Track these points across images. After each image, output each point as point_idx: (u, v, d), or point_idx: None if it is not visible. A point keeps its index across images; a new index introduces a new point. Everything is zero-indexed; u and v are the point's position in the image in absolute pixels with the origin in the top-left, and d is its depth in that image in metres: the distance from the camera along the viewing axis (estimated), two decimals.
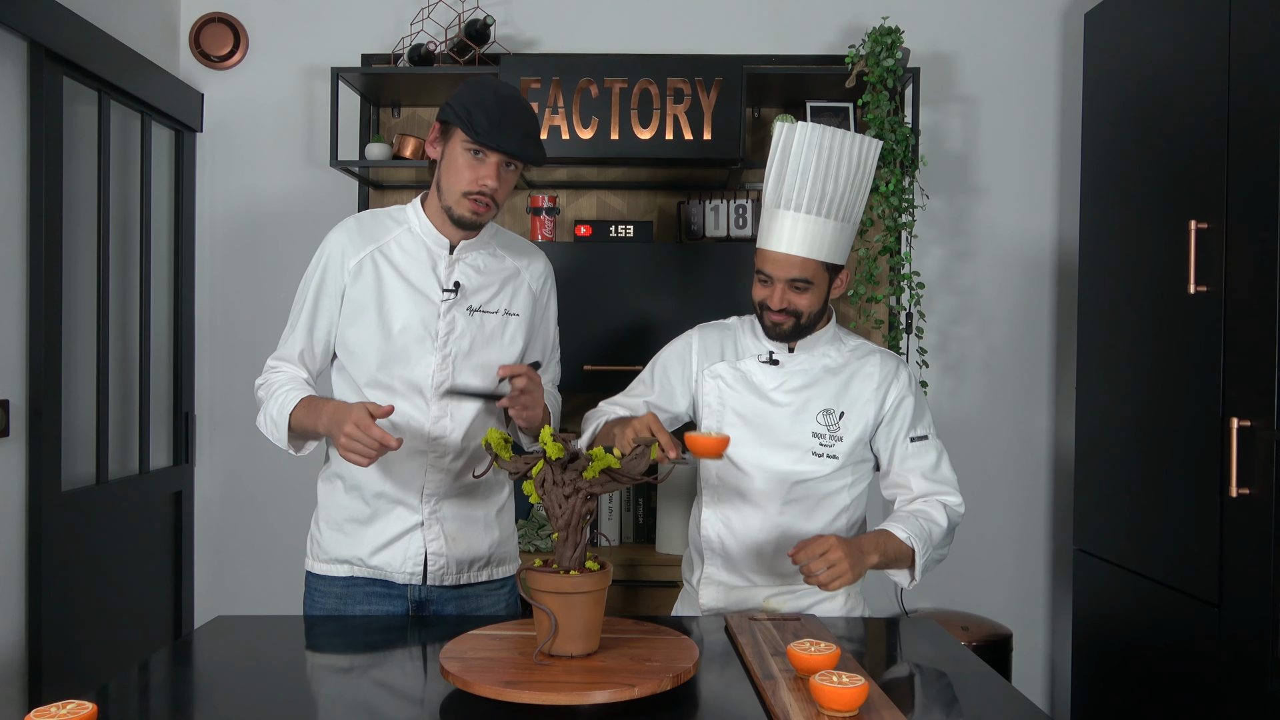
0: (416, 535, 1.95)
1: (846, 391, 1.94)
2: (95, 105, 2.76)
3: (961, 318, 3.27)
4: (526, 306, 2.02)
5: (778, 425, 1.94)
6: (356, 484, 1.96)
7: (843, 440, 1.92)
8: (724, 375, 1.99)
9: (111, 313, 2.85)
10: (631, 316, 2.90)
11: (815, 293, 1.89)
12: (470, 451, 1.97)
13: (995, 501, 3.29)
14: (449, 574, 1.98)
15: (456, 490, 1.97)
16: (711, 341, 2.03)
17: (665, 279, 2.91)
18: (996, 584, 3.28)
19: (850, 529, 1.99)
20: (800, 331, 1.92)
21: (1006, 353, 3.27)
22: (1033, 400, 3.27)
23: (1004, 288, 3.26)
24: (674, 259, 2.91)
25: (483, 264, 1.98)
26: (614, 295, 2.91)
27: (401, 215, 1.98)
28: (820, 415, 1.93)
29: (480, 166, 1.85)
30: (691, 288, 2.89)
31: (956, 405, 3.28)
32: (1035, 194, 3.25)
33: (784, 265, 1.85)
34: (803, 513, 1.91)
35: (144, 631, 2.99)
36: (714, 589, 2.01)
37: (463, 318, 1.94)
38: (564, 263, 2.90)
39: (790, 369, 1.96)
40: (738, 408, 1.97)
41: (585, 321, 2.91)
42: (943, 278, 3.26)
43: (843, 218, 1.86)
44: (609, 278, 2.92)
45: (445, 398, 1.92)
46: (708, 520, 2.00)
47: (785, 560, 1.95)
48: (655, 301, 2.89)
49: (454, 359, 1.94)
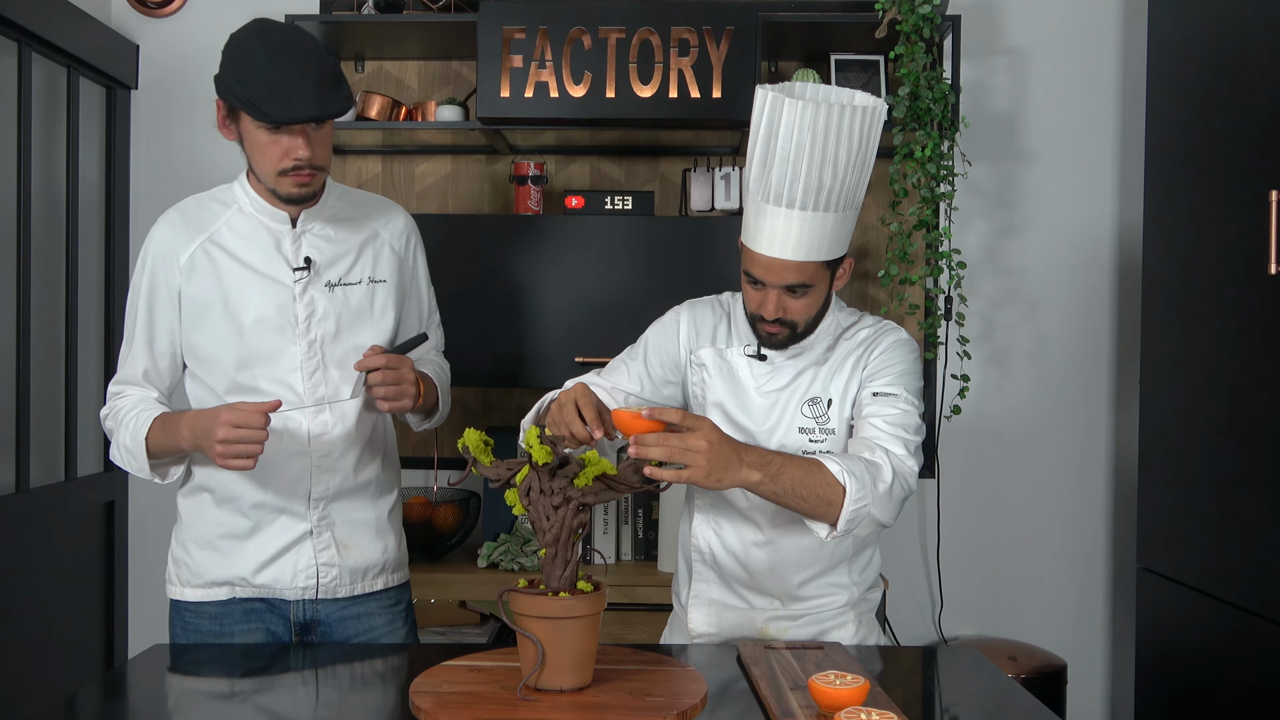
0: (306, 546, 2.00)
1: (834, 375, 1.93)
2: (15, 58, 2.74)
3: (1007, 302, 3.27)
4: (392, 270, 2.06)
5: (761, 422, 1.93)
6: (231, 495, 1.99)
7: (835, 433, 1.91)
8: (708, 363, 1.99)
9: (34, 296, 2.84)
10: (629, 301, 2.90)
11: (815, 295, 1.86)
12: (364, 442, 2.02)
13: (1047, 513, 3.29)
14: (342, 585, 2.02)
15: (346, 492, 2.01)
16: (703, 320, 2.02)
17: (668, 258, 2.91)
18: (1048, 608, 3.29)
19: (859, 547, 1.99)
20: (798, 339, 1.91)
21: (1059, 342, 3.26)
22: (1090, 397, 3.27)
23: (1056, 267, 3.26)
24: (678, 235, 2.92)
25: (333, 232, 2.01)
26: (609, 276, 2.91)
27: (229, 195, 2.01)
28: (806, 406, 1.92)
29: (283, 140, 1.88)
30: (698, 268, 2.89)
31: (1002, 402, 3.28)
32: (1092, 160, 3.25)
33: (777, 270, 1.81)
34: (796, 520, 1.89)
35: (71, 661, 2.98)
36: (705, 610, 2.01)
37: (322, 296, 1.98)
38: (552, 239, 2.92)
39: (778, 365, 1.95)
40: (719, 401, 1.97)
41: (576, 306, 2.92)
42: (986, 256, 3.26)
43: (844, 206, 1.80)
44: (603, 256, 2.92)
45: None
46: (698, 529, 2.01)
47: (783, 577, 1.95)
48: (657, 284, 2.90)
49: (321, 344, 1.98)
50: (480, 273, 2.92)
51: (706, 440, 1.63)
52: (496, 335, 2.92)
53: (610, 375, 2.03)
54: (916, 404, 1.88)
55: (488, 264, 2.93)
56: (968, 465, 3.29)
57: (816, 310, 1.89)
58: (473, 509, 3.06)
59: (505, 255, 2.93)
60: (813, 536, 1.87)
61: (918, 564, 3.32)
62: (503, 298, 2.93)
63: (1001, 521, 3.30)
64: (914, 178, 2.93)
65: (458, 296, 2.89)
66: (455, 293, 2.88)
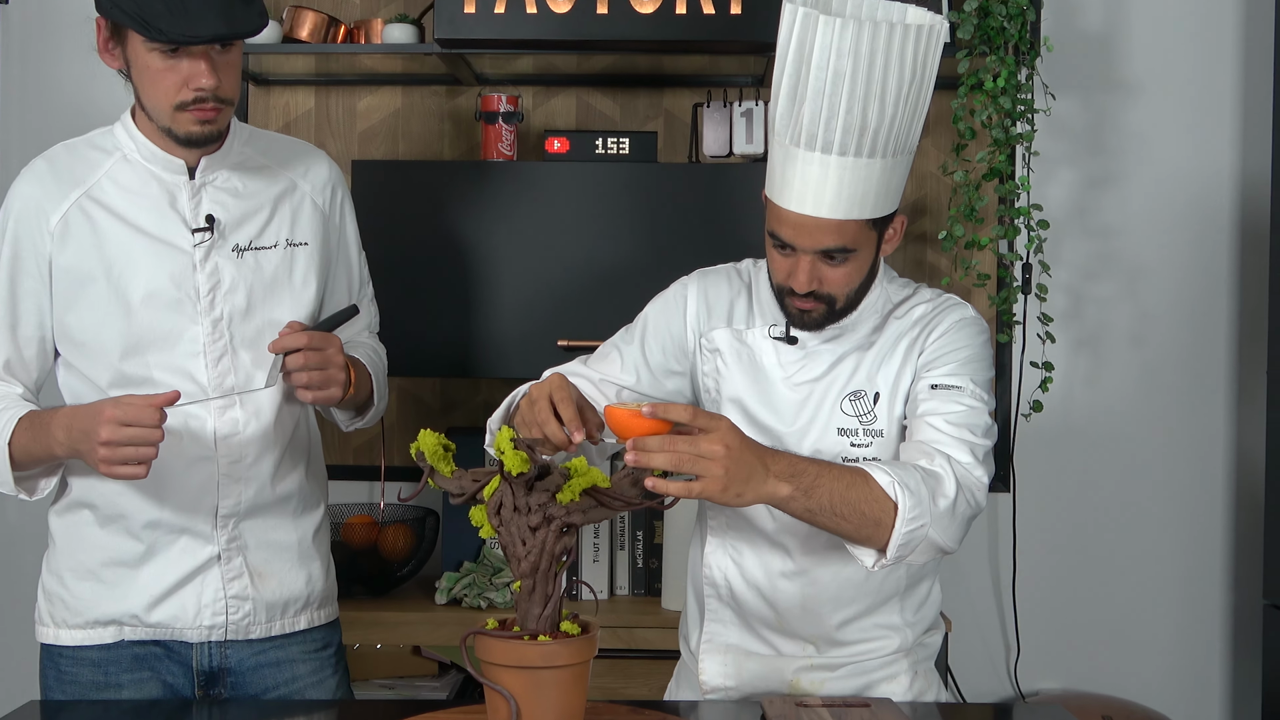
0: (212, 574, 2.02)
1: (883, 363, 1.94)
2: None
3: (1102, 271, 3.26)
4: (315, 229, 2.10)
5: (790, 422, 1.95)
6: (118, 513, 2.00)
7: (883, 436, 1.92)
8: (723, 348, 2.00)
9: None
10: (625, 270, 2.89)
11: (858, 261, 1.88)
12: (283, 445, 2.06)
13: (1151, 537, 3.29)
14: (257, 624, 2.05)
15: (262, 508, 2.04)
16: (717, 294, 2.03)
17: (674, 216, 2.90)
18: (1151, 653, 3.29)
19: (915, 579, 1.99)
20: (837, 316, 1.92)
21: (1166, 321, 3.27)
22: (1205, 391, 3.28)
23: (1164, 228, 3.26)
24: (687, 187, 2.91)
25: (241, 183, 2.04)
26: (600, 239, 2.91)
27: (109, 141, 2.03)
28: (847, 401, 1.93)
29: (182, 66, 1.89)
30: (712, 228, 2.89)
31: (1095, 397, 3.28)
32: (1209, 94, 3.25)
33: (811, 232, 1.83)
34: (834, 545, 1.89)
35: None
36: (720, 658, 2.02)
37: (229, 263, 2.01)
38: (529, 192, 2.91)
39: (812, 349, 1.96)
40: (736, 395, 1.98)
41: (559, 277, 2.92)
42: (1075, 214, 3.25)
43: (894, 151, 1.82)
44: (593, 214, 2.91)
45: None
46: (712, 555, 2.03)
47: (819, 616, 1.96)
48: (660, 249, 2.89)
49: (228, 323, 2.00)
50: (439, 234, 2.93)
51: (723, 444, 1.63)
52: (459, 314, 2.93)
53: (600, 364, 2.04)
54: (986, 399, 1.89)
55: (448, 223, 2.93)
56: (1050, 476, 3.29)
57: (859, 281, 1.90)
58: (429, 531, 3.07)
59: (470, 212, 2.92)
60: (856, 566, 1.85)
61: (988, 600, 3.31)
62: (467, 266, 2.93)
63: (1093, 547, 3.30)
64: (983, 115, 2.94)
65: (410, 265, 2.91)
66: (407, 260, 2.91)
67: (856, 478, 1.72)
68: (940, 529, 1.74)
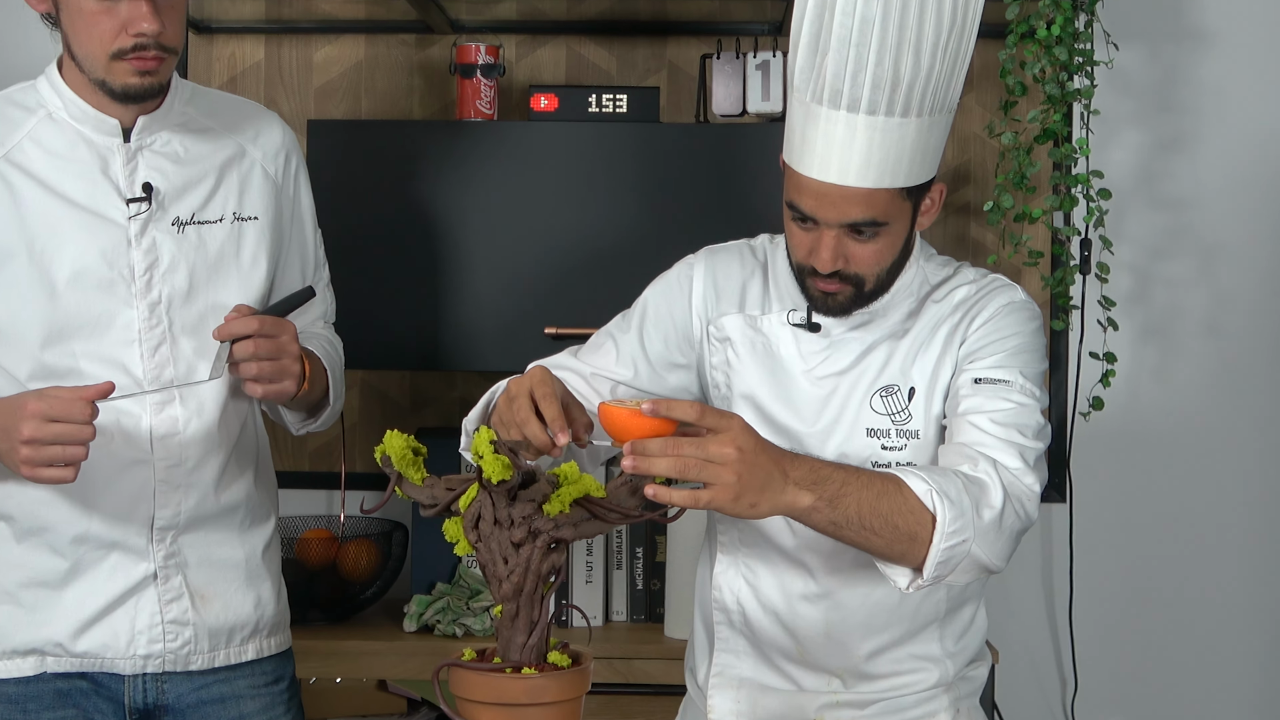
0: (147, 595, 2.00)
1: (919, 353, 1.94)
2: None
3: (1172, 248, 3.26)
4: (266, 201, 2.11)
5: (811, 421, 1.95)
6: (40, 525, 1.98)
7: (919, 437, 1.93)
8: (734, 336, 2.00)
9: None
10: (622, 248, 2.89)
11: (890, 237, 1.87)
12: (229, 447, 2.05)
13: (1229, 555, 3.28)
14: (199, 653, 2.03)
15: (205, 519, 2.03)
16: (727, 275, 2.03)
17: (679, 184, 2.89)
18: (1229, 691, 3.27)
19: (956, 602, 1.99)
20: (866, 299, 1.92)
21: (1247, 307, 3.26)
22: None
23: (1243, 198, 3.25)
24: (694, 151, 2.90)
25: (183, 148, 2.04)
26: (593, 211, 2.91)
27: (31, 97, 2.02)
28: (877, 397, 1.94)
29: (120, 8, 1.89)
30: (721, 198, 2.88)
31: (1164, 394, 3.28)
32: None
33: (836, 202, 1.82)
34: (863, 564, 1.88)
35: None
36: (732, 694, 2.02)
37: (169, 239, 2.01)
38: (511, 157, 2.90)
39: (837, 338, 1.96)
40: (750, 391, 1.98)
41: (546, 256, 2.91)
42: (1141, 182, 3.25)
43: (932, 109, 1.81)
44: (585, 182, 2.91)
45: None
46: (722, 575, 2.03)
47: (845, 646, 1.96)
48: (662, 222, 2.88)
49: (168, 306, 2.00)
50: (407, 206, 2.92)
51: (735, 446, 1.62)
52: (430, 298, 2.94)
53: (592, 356, 2.04)
54: (1038, 395, 1.88)
55: (417, 193, 2.93)
56: (1112, 484, 3.29)
57: (892, 259, 1.90)
58: (396, 547, 3.07)
59: (443, 181, 2.92)
60: (888, 587, 1.85)
61: (1040, 626, 3.32)
62: (440, 243, 2.93)
63: (1162, 566, 3.30)
64: (1035, 67, 2.93)
65: (374, 241, 2.91)
66: (370, 236, 2.91)
67: (888, 485, 1.71)
68: (985, 544, 1.73)
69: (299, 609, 2.46)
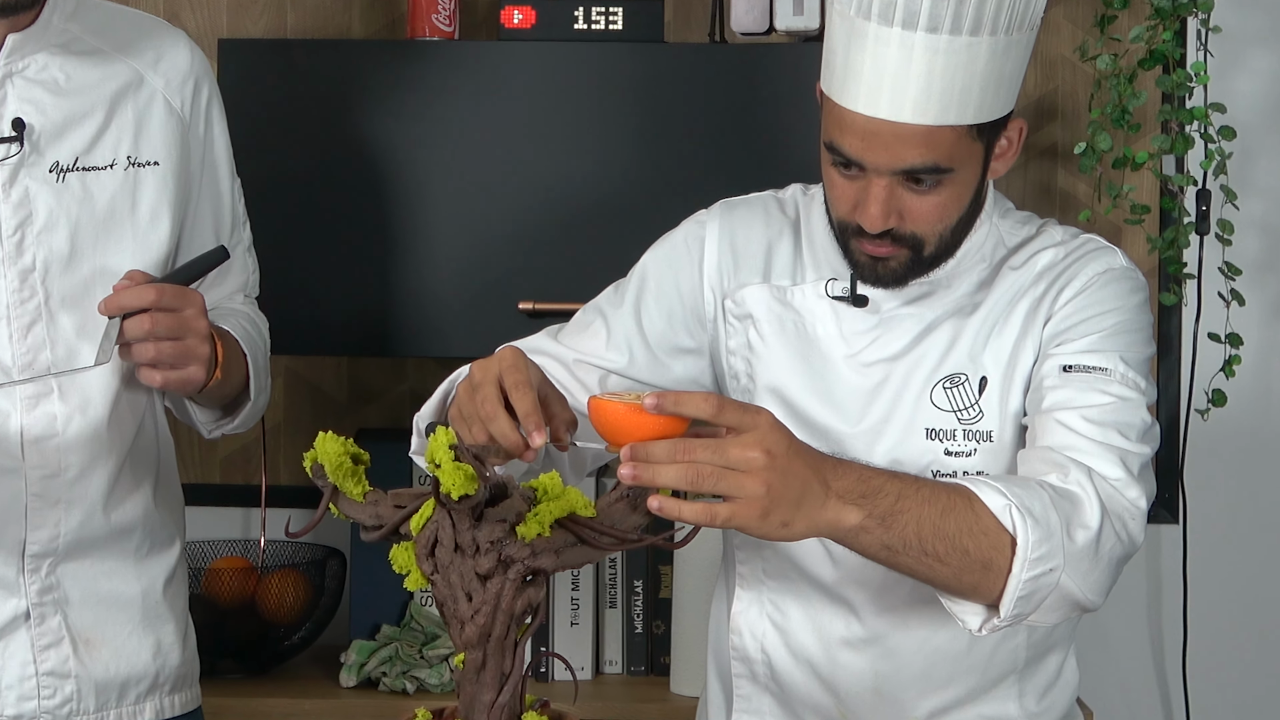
0: (18, 640, 2.01)
1: (993, 334, 1.97)
2: None
3: None
4: (170, 142, 2.12)
5: (856, 419, 1.97)
6: None
7: (993, 441, 1.95)
8: (758, 314, 2.02)
9: None
10: (615, 201, 2.90)
11: (956, 187, 1.89)
12: (121, 453, 2.06)
13: None
14: (82, 713, 2.04)
15: (90, 544, 2.04)
16: (747, 235, 2.06)
17: (688, 119, 2.90)
18: None
19: (1040, 649, 2.01)
20: (925, 266, 1.94)
21: None
22: None
23: None
24: (706, 79, 2.91)
25: (64, 75, 2.04)
26: (580, 155, 2.91)
27: None
28: (940, 388, 1.96)
29: None
30: (741, 137, 2.88)
31: None
32: None
33: (888, 143, 1.83)
34: (922, 599, 1.92)
35: None
36: None
37: (46, 190, 2.01)
38: (477, 87, 2.90)
39: (889, 314, 1.98)
40: (777, 382, 2.00)
41: (520, 212, 2.92)
42: (1273, 118, 3.26)
43: (1008, 25, 1.82)
44: (570, 118, 2.91)
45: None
46: (743, 616, 2.06)
47: (899, 703, 1.98)
48: (665, 169, 2.89)
49: (43, 274, 2.01)
50: (345, 149, 2.92)
51: (763, 449, 1.60)
52: (375, 266, 2.94)
53: (577, 337, 2.06)
54: (1143, 387, 1.90)
55: (358, 133, 2.92)
56: (1236, 499, 3.31)
57: (958, 215, 1.92)
58: (331, 581, 3.10)
59: (391, 116, 2.92)
60: (953, 630, 1.85)
61: (1145, 679, 3.34)
62: (386, 196, 2.93)
63: None
64: None
65: (305, 195, 2.91)
66: (299, 187, 2.90)
67: (956, 499, 1.71)
68: (1078, 574, 1.73)
69: (209, 658, 2.46)
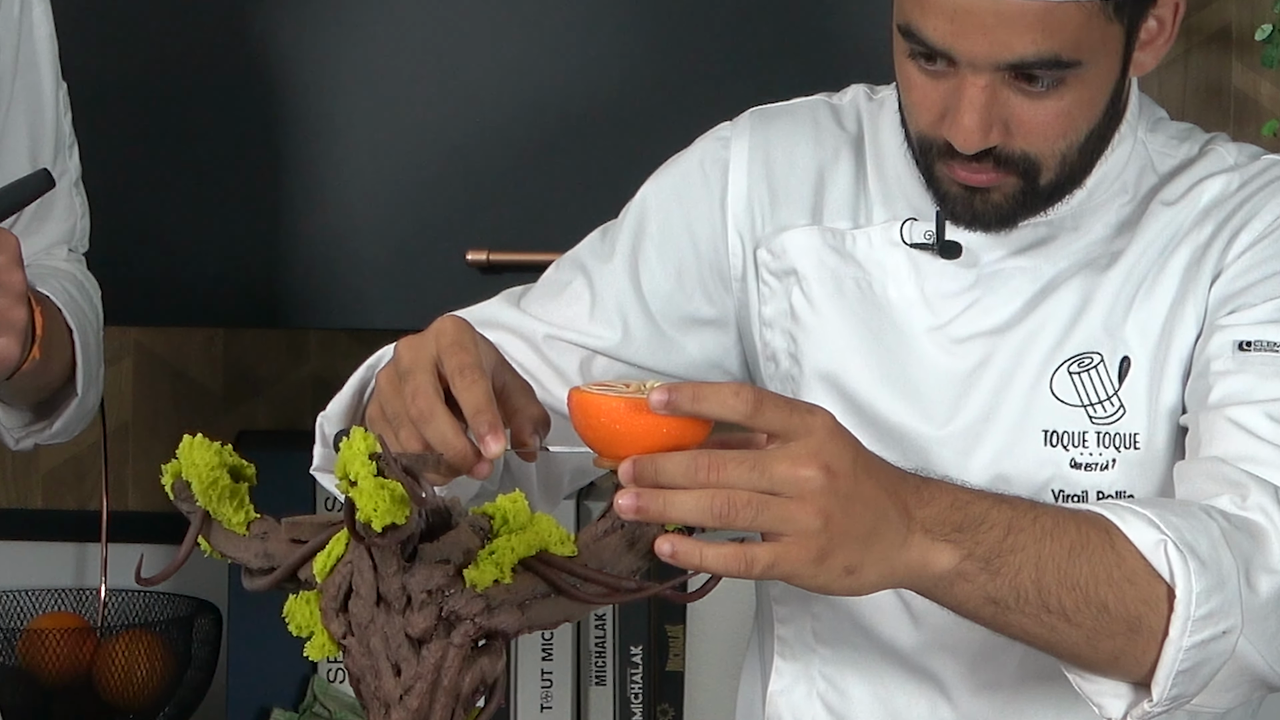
0: None
1: (1140, 295, 2.03)
2: None
3: None
4: None
5: (944, 419, 2.05)
6: None
7: (1138, 445, 2.02)
8: (804, 266, 2.11)
9: None
10: (603, 115, 2.98)
11: (1084, 89, 1.93)
12: None
13: None
14: None
15: None
16: (787, 157, 2.14)
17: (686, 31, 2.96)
18: None
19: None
20: (1043, 200, 1.99)
21: None
22: None
23: None
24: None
25: None
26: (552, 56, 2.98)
27: None
28: (1064, 373, 2.02)
29: None
30: (777, 22, 2.94)
31: None
32: None
33: (987, 27, 1.87)
34: (1038, 674, 2.00)
35: None
36: None
37: None
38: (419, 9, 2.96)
39: (990, 268, 2.06)
40: (831, 366, 2.10)
41: (469, 135, 2.99)
42: None
43: None
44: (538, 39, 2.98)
45: None
46: (784, 696, 2.17)
47: None
48: (670, 69, 2.97)
49: None
50: (222, 51, 3.00)
51: (820, 465, 1.57)
52: (263, 208, 3.02)
53: (548, 304, 2.15)
54: None
55: (240, 28, 2.99)
56: None
57: (1088, 128, 1.96)
58: (201, 646, 3.18)
59: (286, 6, 2.94)
60: (1085, 716, 1.87)
61: None
62: (282, 115, 3.01)
63: None
64: None
65: (161, 113, 2.98)
66: (154, 104, 2.97)
67: (1090, 533, 1.72)
68: (1262, 638, 1.76)
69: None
